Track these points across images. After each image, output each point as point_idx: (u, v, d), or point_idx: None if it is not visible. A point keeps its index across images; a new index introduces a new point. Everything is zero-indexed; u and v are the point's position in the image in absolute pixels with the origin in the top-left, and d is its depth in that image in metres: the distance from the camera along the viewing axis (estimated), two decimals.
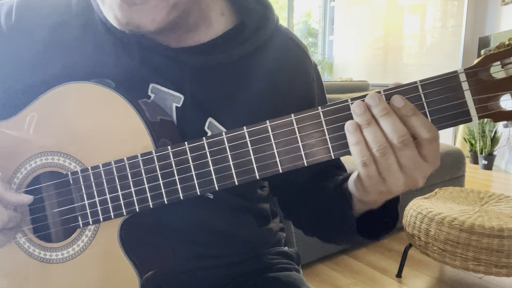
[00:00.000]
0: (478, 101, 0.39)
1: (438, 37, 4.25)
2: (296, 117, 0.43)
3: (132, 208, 0.48)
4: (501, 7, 3.87)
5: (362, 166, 0.42)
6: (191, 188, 0.46)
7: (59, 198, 0.52)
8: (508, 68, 0.38)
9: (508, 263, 1.51)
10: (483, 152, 3.87)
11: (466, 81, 0.39)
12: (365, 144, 0.41)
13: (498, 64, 0.38)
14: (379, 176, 0.42)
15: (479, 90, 0.38)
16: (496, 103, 0.38)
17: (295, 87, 0.60)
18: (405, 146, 0.40)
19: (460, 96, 0.39)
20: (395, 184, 0.43)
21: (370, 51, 4.79)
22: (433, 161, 0.42)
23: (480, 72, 0.38)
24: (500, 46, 0.38)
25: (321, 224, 0.60)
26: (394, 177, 0.42)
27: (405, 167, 0.41)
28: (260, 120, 0.44)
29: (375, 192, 0.45)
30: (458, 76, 0.39)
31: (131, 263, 0.49)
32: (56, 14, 0.56)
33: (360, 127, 0.41)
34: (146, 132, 0.48)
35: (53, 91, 0.52)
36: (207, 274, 0.61)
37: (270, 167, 0.44)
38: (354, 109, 0.42)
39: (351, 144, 0.42)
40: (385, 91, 0.41)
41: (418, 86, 0.40)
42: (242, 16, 0.58)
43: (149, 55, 0.55)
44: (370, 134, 0.41)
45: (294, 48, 0.62)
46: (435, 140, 0.41)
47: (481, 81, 0.38)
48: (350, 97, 0.42)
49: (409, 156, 0.41)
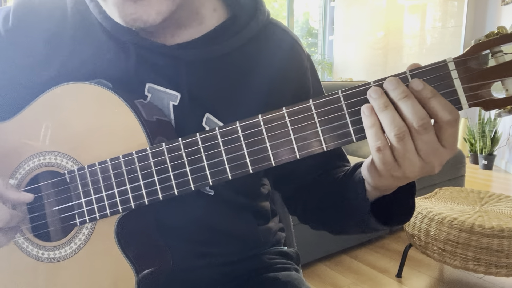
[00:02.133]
0: (468, 89, 0.39)
1: (438, 37, 4.25)
2: (287, 111, 0.43)
3: (128, 205, 0.49)
4: (501, 7, 3.87)
5: (377, 151, 0.41)
6: (186, 184, 0.46)
7: (57, 197, 0.52)
8: (498, 56, 0.38)
9: (508, 263, 1.51)
10: (483, 152, 3.87)
11: (456, 69, 0.39)
12: (380, 127, 0.40)
13: (488, 53, 0.38)
14: (394, 161, 0.41)
15: (469, 78, 0.38)
16: (487, 91, 0.38)
17: (289, 76, 0.61)
18: (425, 130, 0.39)
19: (450, 84, 0.39)
20: (411, 170, 0.41)
21: (370, 51, 4.78)
22: (451, 147, 0.41)
23: (469, 61, 0.38)
24: (489, 35, 0.38)
25: (331, 214, 0.59)
26: (410, 163, 0.41)
27: (423, 152, 0.40)
28: (257, 112, 0.44)
29: (389, 177, 0.44)
30: (447, 65, 0.39)
31: (128, 260, 0.49)
32: (53, 16, 0.56)
33: (376, 111, 0.40)
34: (142, 131, 0.49)
35: (51, 92, 0.52)
36: (205, 273, 0.62)
37: (263, 160, 0.44)
38: (371, 94, 0.40)
39: (367, 127, 0.41)
40: (374, 82, 0.41)
41: (407, 76, 0.40)
42: (233, 10, 0.59)
43: (145, 54, 0.56)
44: (387, 118, 0.40)
45: (287, 38, 0.63)
46: (456, 123, 0.39)
47: (471, 70, 0.38)
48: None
49: (427, 140, 0.40)
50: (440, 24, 4.23)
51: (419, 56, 4.42)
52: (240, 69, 0.58)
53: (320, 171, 0.62)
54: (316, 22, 5.30)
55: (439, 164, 0.42)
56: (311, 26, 5.37)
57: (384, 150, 0.41)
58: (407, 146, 0.40)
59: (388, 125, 0.40)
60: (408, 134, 0.40)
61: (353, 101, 0.42)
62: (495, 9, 3.97)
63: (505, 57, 0.37)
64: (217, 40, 0.57)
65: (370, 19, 4.77)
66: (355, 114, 0.42)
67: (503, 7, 3.84)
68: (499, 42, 0.38)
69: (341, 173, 0.59)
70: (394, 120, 0.40)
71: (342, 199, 0.55)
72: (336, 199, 0.57)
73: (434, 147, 0.40)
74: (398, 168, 0.42)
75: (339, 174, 0.59)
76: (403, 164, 0.41)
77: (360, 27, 4.86)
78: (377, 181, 0.46)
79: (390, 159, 0.41)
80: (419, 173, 0.42)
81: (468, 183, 3.25)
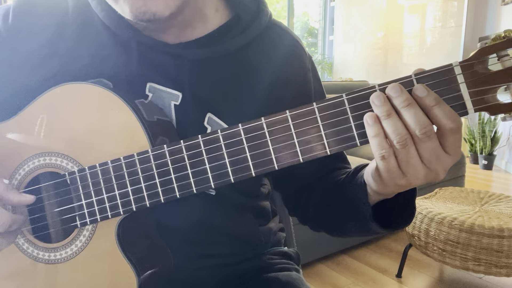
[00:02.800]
0: (474, 94, 0.38)
1: (438, 37, 4.25)
2: (291, 114, 0.42)
3: (129, 208, 0.48)
4: (501, 7, 3.86)
5: (381, 159, 0.41)
6: (188, 187, 0.46)
7: (57, 199, 0.52)
8: (504, 61, 0.37)
9: (508, 263, 1.51)
10: (483, 152, 3.87)
11: (462, 74, 0.38)
12: (384, 136, 0.40)
13: (494, 57, 0.38)
14: (399, 169, 0.41)
15: (475, 83, 0.38)
16: (493, 95, 0.38)
17: (291, 77, 0.61)
18: (428, 137, 0.39)
19: (456, 89, 0.39)
20: (415, 178, 0.41)
21: (370, 51, 4.78)
22: (454, 153, 0.40)
23: (475, 65, 0.38)
24: (496, 39, 0.37)
25: (331, 216, 0.59)
26: (415, 170, 0.41)
27: (426, 159, 0.40)
28: (258, 112, 0.44)
29: (393, 185, 0.44)
30: (453, 69, 0.39)
31: (129, 262, 0.49)
32: (54, 15, 0.56)
33: (379, 118, 0.40)
34: (143, 132, 0.48)
35: (51, 92, 0.52)
36: (206, 273, 0.61)
37: (266, 164, 0.43)
38: (373, 100, 0.40)
39: (370, 137, 0.41)
40: (379, 86, 0.41)
41: (413, 79, 0.40)
42: (236, 10, 0.59)
43: (147, 53, 0.55)
44: (390, 126, 0.39)
45: (289, 39, 0.63)
46: (459, 130, 0.39)
47: (477, 74, 0.38)
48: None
49: (431, 148, 0.39)
50: (440, 24, 4.22)
51: (419, 56, 4.42)
52: (242, 69, 0.58)
53: (320, 173, 0.62)
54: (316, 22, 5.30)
55: (443, 170, 0.41)
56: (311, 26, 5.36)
57: (388, 158, 0.41)
58: (410, 153, 0.40)
59: (391, 133, 0.40)
60: (411, 141, 0.40)
61: (357, 105, 0.42)
62: (495, 9, 3.97)
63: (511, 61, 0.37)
64: (220, 40, 0.57)
65: (370, 19, 4.77)
66: (359, 118, 0.42)
67: (503, 7, 3.84)
68: (506, 46, 0.37)
69: (342, 176, 0.58)
70: (397, 129, 0.39)
71: (343, 203, 0.55)
72: (336, 202, 0.57)
73: (438, 154, 0.40)
74: (403, 176, 0.42)
75: (340, 177, 0.58)
76: (407, 172, 0.41)
77: (360, 27, 4.85)
78: (381, 188, 0.46)
79: (394, 167, 0.41)
80: (424, 180, 0.42)
81: (468, 183, 3.25)
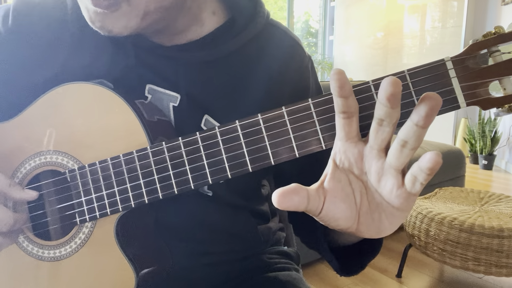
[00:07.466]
0: (466, 88, 0.39)
1: (438, 37, 4.25)
2: (287, 110, 0.43)
3: (128, 204, 0.49)
4: (501, 7, 3.87)
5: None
6: (185, 182, 0.46)
7: (57, 196, 0.52)
8: (495, 56, 0.38)
9: (508, 263, 1.51)
10: (483, 152, 3.87)
11: (453, 68, 0.39)
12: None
13: (485, 52, 0.39)
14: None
15: (466, 77, 0.39)
16: (485, 90, 0.38)
17: (288, 77, 0.60)
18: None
19: (447, 83, 0.39)
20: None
21: (370, 51, 4.79)
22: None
23: (467, 60, 0.39)
24: (486, 35, 0.38)
25: (304, 228, 0.60)
26: None
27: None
28: (255, 114, 0.44)
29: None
30: (445, 64, 0.39)
31: (127, 259, 0.49)
32: (53, 16, 0.56)
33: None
34: (142, 130, 0.49)
35: (52, 92, 0.52)
36: (205, 272, 0.62)
37: (262, 159, 0.44)
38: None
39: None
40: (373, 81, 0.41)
41: (406, 75, 0.40)
42: (232, 13, 0.59)
43: (144, 55, 0.56)
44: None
45: (287, 39, 0.62)
46: None
47: (469, 69, 0.39)
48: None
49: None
50: (440, 24, 4.23)
51: (419, 56, 4.42)
52: (238, 71, 0.58)
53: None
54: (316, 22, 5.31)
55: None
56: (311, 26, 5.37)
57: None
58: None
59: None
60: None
61: None
62: (495, 9, 3.97)
63: (502, 56, 0.38)
64: (215, 42, 0.57)
65: (370, 19, 4.78)
66: None
67: (503, 7, 3.84)
68: (497, 41, 0.38)
69: None
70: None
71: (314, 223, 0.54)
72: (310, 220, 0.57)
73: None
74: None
75: None
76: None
77: (360, 27, 4.86)
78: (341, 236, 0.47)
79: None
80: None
81: (468, 183, 3.25)
